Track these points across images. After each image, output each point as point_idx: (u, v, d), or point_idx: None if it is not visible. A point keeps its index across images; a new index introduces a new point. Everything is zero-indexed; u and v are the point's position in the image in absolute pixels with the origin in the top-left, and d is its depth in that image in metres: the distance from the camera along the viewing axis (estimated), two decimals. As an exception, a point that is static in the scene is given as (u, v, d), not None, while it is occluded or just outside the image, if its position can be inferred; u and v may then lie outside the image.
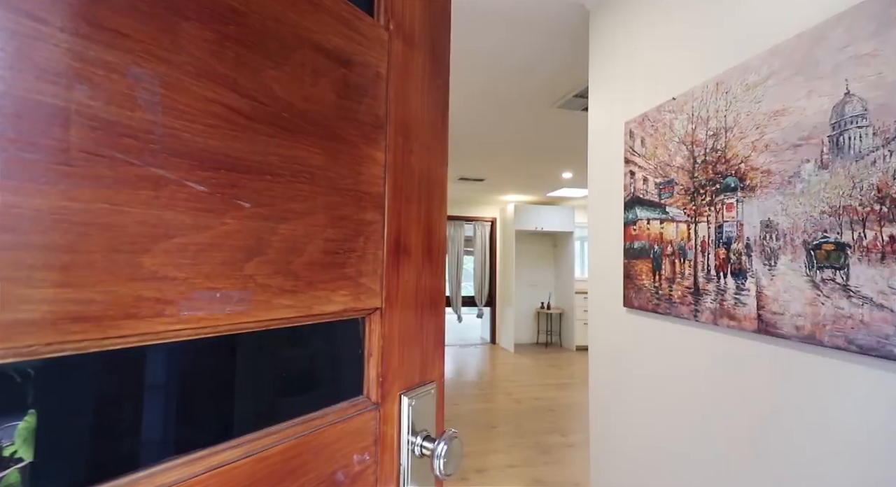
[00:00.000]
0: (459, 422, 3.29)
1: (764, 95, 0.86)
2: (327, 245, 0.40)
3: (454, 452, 0.47)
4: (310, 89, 0.38)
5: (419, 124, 0.52)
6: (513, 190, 5.55)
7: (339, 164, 0.41)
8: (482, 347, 6.25)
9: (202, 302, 0.30)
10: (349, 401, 0.44)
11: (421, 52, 0.53)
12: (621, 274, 1.28)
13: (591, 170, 1.49)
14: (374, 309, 0.45)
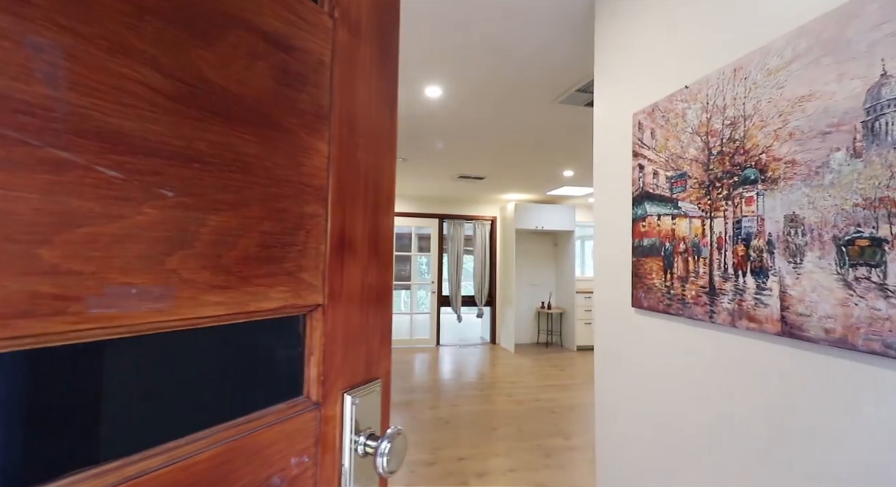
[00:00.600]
0: (459, 424, 3.24)
1: (787, 80, 0.80)
2: (264, 238, 0.38)
3: (398, 449, 0.47)
4: (244, 73, 0.36)
5: (366, 117, 0.51)
6: (513, 188, 5.49)
7: (278, 154, 0.39)
8: (482, 347, 6.19)
9: (115, 299, 0.27)
10: (288, 402, 0.43)
11: (368, 44, 0.52)
12: (629, 273, 1.22)
13: (597, 165, 1.43)
14: (315, 305, 0.44)
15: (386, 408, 0.55)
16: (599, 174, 1.41)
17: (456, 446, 2.85)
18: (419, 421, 3.27)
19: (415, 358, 5.43)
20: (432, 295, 6.29)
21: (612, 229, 1.32)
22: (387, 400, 0.55)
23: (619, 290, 1.27)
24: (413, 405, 3.65)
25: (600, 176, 1.41)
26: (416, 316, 6.64)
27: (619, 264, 1.27)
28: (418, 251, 7.46)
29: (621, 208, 1.27)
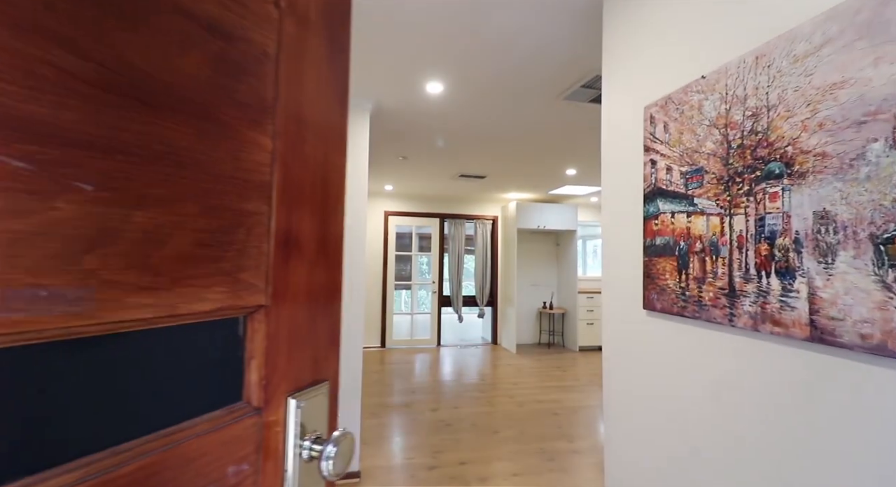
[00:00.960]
0: (460, 426, 3.18)
1: (817, 67, 0.74)
2: (199, 236, 0.36)
3: (343, 451, 0.46)
4: (177, 60, 0.34)
5: (316, 113, 0.50)
6: (515, 187, 5.44)
7: (216, 148, 0.37)
8: (483, 348, 6.14)
9: (20, 302, 0.24)
10: (226, 408, 0.41)
11: (318, 37, 0.50)
12: (640, 273, 1.16)
13: (605, 162, 1.37)
14: (257, 306, 0.42)
15: (334, 410, 0.53)
16: (608, 171, 1.36)
17: (457, 449, 2.79)
18: (420, 424, 3.22)
19: (415, 359, 5.38)
20: (433, 295, 6.24)
21: (621, 228, 1.26)
22: (335, 401, 0.54)
23: (629, 291, 1.22)
24: (414, 406, 3.60)
25: (608, 172, 1.35)
26: (416, 317, 6.58)
27: (629, 264, 1.22)
28: (419, 251, 7.41)
29: (631, 206, 1.22)
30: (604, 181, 1.38)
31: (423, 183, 5.20)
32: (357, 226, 2.53)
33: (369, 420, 3.27)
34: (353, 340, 2.48)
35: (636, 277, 1.18)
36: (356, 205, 2.53)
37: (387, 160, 4.08)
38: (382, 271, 6.05)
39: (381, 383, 4.28)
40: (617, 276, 1.28)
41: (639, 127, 1.20)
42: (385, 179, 5.06)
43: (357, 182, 2.54)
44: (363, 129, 2.58)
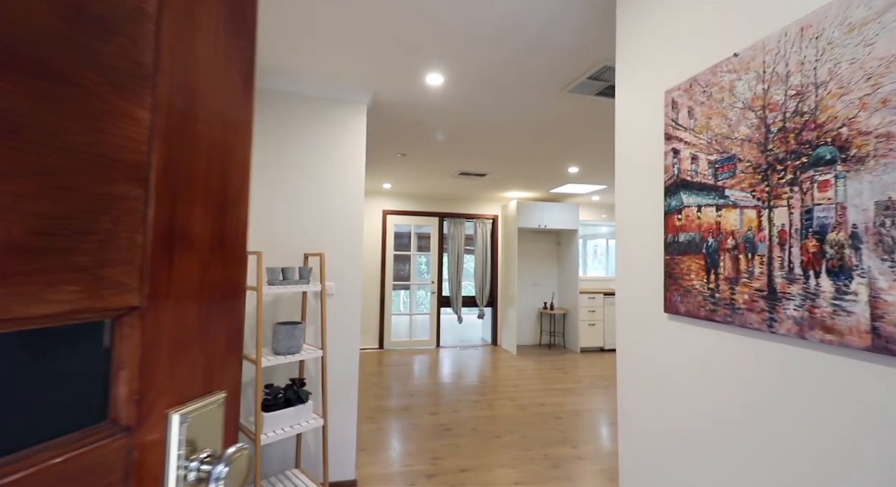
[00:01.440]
0: (460, 431, 3.08)
1: (878, 35, 0.64)
2: (39, 223, 0.30)
3: (238, 471, 0.42)
4: (12, 6, 0.28)
5: (212, 88, 0.44)
6: (515, 186, 5.34)
7: (66, 116, 0.31)
8: (483, 349, 6.04)
9: None
10: (83, 431, 0.35)
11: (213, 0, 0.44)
12: (661, 273, 1.06)
13: (620, 154, 1.27)
14: (127, 308, 0.37)
15: (231, 424, 0.49)
16: (622, 164, 1.26)
17: (457, 455, 2.69)
18: (418, 428, 3.12)
19: (414, 361, 5.28)
20: (432, 295, 6.14)
21: (638, 224, 1.16)
22: (233, 415, 0.49)
23: (647, 293, 1.12)
24: (412, 410, 3.50)
25: (623, 165, 1.25)
26: (415, 317, 6.48)
27: (647, 263, 1.12)
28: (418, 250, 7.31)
29: (650, 200, 1.12)
30: (618, 175, 1.28)
31: (422, 181, 5.10)
32: (354, 225, 2.43)
33: (366, 425, 3.16)
34: (350, 341, 2.38)
35: (656, 277, 1.08)
36: (352, 202, 2.43)
37: (385, 157, 3.98)
38: (381, 271, 5.95)
39: (379, 386, 4.18)
40: (633, 276, 1.18)
41: (658, 113, 1.10)
42: (383, 177, 4.95)
43: (353, 178, 2.43)
44: (360, 123, 2.47)
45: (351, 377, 2.37)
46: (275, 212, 2.30)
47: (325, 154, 2.40)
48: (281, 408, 1.87)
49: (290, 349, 1.93)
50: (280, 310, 2.28)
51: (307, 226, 2.35)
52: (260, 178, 2.29)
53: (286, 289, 1.96)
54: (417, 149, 3.66)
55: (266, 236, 2.28)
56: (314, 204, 2.37)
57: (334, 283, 2.36)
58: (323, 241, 2.36)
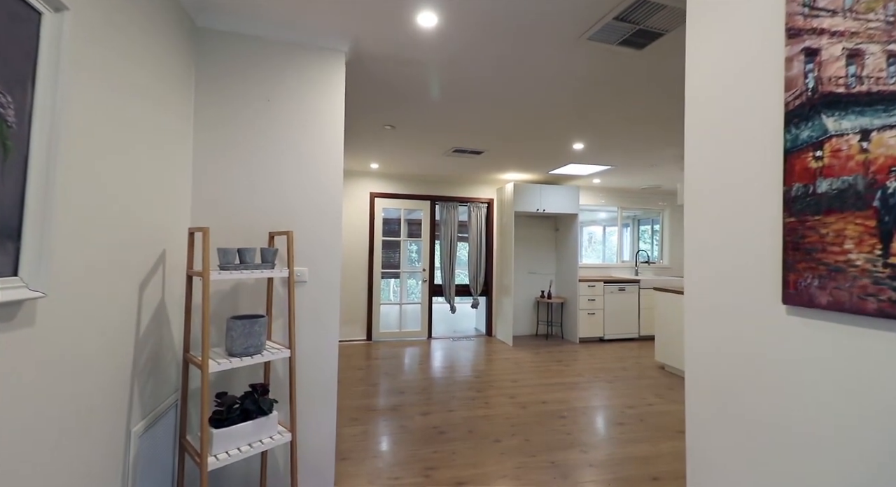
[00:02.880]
0: (455, 434, 2.75)
1: None
2: None
3: None
4: None
5: None
6: (513, 166, 4.96)
7: None
8: (477, 340, 5.72)
9: None
10: None
11: None
12: (776, 244, 0.71)
13: (694, 80, 0.90)
14: None
15: None
16: (699, 92, 0.89)
17: (453, 464, 2.36)
18: (408, 432, 2.78)
19: (405, 353, 4.94)
20: (423, 283, 5.78)
21: (726, 177, 0.80)
22: None
23: (745, 276, 0.76)
24: (402, 410, 3.15)
25: (699, 90, 0.88)
26: (405, 307, 6.12)
27: (745, 232, 0.76)
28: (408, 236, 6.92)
29: (753, 137, 0.76)
30: (689, 106, 0.91)
31: (412, 160, 4.69)
32: (331, 200, 2.03)
33: (350, 428, 2.81)
34: (327, 337, 2.00)
35: (765, 252, 0.72)
36: (330, 173, 2.03)
37: (371, 129, 3.56)
38: (368, 258, 5.55)
39: (365, 382, 3.83)
40: (716, 253, 0.82)
41: (768, 1, 0.73)
42: (370, 155, 4.53)
43: (331, 144, 2.03)
44: (338, 77, 2.05)
45: (328, 379, 2.00)
46: (232, 182, 1.89)
47: (294, 114, 1.98)
48: (236, 422, 1.49)
49: (249, 349, 1.54)
50: (242, 301, 1.88)
51: (273, 201, 1.94)
52: (210, 141, 1.87)
53: (243, 275, 1.57)
54: (407, 120, 3.25)
55: (220, 211, 1.87)
56: (282, 173, 1.96)
57: (307, 269, 1.97)
58: (293, 219, 1.96)
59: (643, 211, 6.83)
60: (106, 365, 1.19)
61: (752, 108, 0.76)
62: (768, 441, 0.70)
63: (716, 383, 0.80)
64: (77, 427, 1.05)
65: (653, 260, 6.77)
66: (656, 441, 2.69)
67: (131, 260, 1.32)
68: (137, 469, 1.36)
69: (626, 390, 3.71)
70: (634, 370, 4.36)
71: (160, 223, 1.54)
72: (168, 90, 1.56)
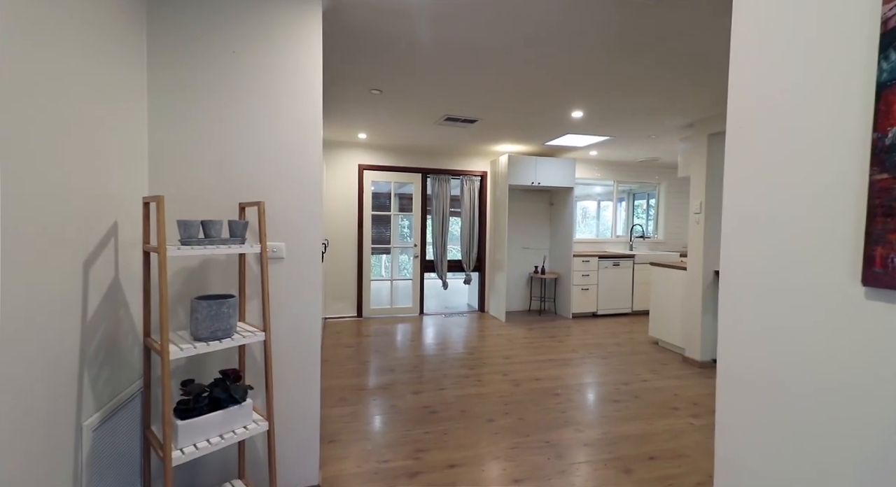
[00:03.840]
0: (447, 414, 2.67)
1: None
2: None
3: None
4: None
5: None
6: (508, 137, 4.73)
7: None
8: (469, 316, 5.65)
9: None
10: None
11: None
12: (857, 209, 0.55)
13: (744, 5, 0.72)
14: None
15: None
16: (749, 20, 0.71)
17: (444, 446, 2.29)
18: (399, 412, 2.70)
19: (396, 330, 4.85)
20: (415, 259, 5.63)
21: (789, 117, 0.64)
22: None
23: (807, 248, 0.61)
24: (392, 389, 3.07)
25: (753, 22, 0.70)
26: (397, 283, 6.00)
27: (810, 191, 0.61)
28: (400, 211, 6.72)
29: (832, 62, 0.59)
30: (738, 10, 0.72)
31: (402, 130, 4.43)
32: (309, 167, 1.83)
33: (338, 408, 2.72)
34: (307, 317, 1.86)
35: (842, 218, 0.57)
36: (307, 136, 1.82)
37: (356, 95, 3.30)
38: (358, 233, 5.37)
39: (355, 360, 3.73)
40: (768, 219, 0.66)
41: None
42: (357, 124, 4.26)
43: (308, 104, 1.81)
44: (313, 30, 1.81)
45: (310, 360, 1.86)
46: (197, 146, 1.68)
47: (266, 68, 1.75)
48: (204, 413, 1.35)
49: (216, 332, 1.39)
50: (212, 280, 1.72)
51: (245, 168, 1.74)
52: (169, 99, 1.64)
53: (206, 251, 1.39)
54: (395, 83, 3.00)
55: (183, 179, 1.67)
56: (255, 137, 1.75)
57: (284, 244, 1.80)
58: (268, 188, 1.77)
59: (639, 185, 6.68)
60: (43, 355, 1.03)
61: (831, 24, 0.59)
62: (828, 458, 0.57)
63: (761, 381, 0.66)
64: (8, 425, 0.90)
65: (647, 234, 6.69)
66: (651, 419, 2.64)
67: (69, 233, 1.14)
68: (93, 465, 1.22)
69: (620, 366, 3.67)
70: (628, 345, 4.33)
71: (110, 192, 1.34)
72: (114, 40, 1.33)
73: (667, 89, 3.01)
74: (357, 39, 2.32)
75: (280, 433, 1.79)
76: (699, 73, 2.70)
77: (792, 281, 0.63)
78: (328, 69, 2.73)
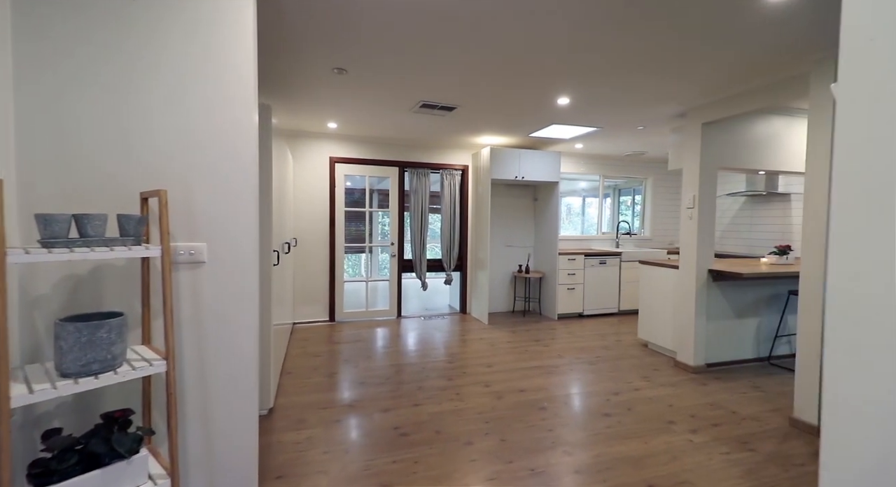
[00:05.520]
0: (421, 436, 2.35)
1: None
2: None
3: None
4: None
5: None
6: (490, 128, 4.42)
7: None
8: (450, 318, 5.34)
9: None
10: None
11: None
12: None
13: None
14: None
15: None
16: None
17: (414, 478, 1.96)
18: (367, 434, 2.36)
19: (372, 335, 4.50)
20: (392, 259, 5.29)
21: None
22: None
23: None
24: (360, 406, 2.73)
25: None
26: (373, 284, 5.65)
27: None
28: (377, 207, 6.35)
29: None
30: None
31: (375, 118, 4.07)
32: (242, 145, 1.47)
33: (292, 432, 2.37)
34: (240, 330, 1.51)
35: None
36: (239, 112, 1.46)
37: (318, 75, 2.93)
38: (329, 231, 4.99)
39: (321, 371, 3.37)
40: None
41: None
42: (325, 111, 3.88)
43: (240, 76, 1.45)
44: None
45: (245, 387, 1.51)
46: (85, 120, 1.30)
47: (180, 22, 1.39)
48: (71, 476, 0.99)
49: (91, 365, 1.03)
50: (107, 294, 1.35)
51: (154, 150, 1.38)
52: (42, 60, 1.26)
53: (76, 256, 1.03)
54: (362, 62, 2.64)
55: (67, 163, 1.29)
56: (167, 111, 1.39)
57: (205, 244, 1.44)
58: (186, 176, 1.41)
59: (625, 180, 6.47)
60: None
61: None
62: None
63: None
64: None
65: (634, 231, 6.49)
66: (647, 436, 2.38)
67: None
68: None
69: (609, 372, 3.42)
70: (616, 349, 4.09)
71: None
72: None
73: (662, 68, 2.74)
74: (310, 6, 1.96)
75: (200, 484, 1.44)
76: (704, 47, 2.43)
77: None
78: (280, 44, 2.36)
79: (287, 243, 3.56)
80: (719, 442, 2.32)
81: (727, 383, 3.23)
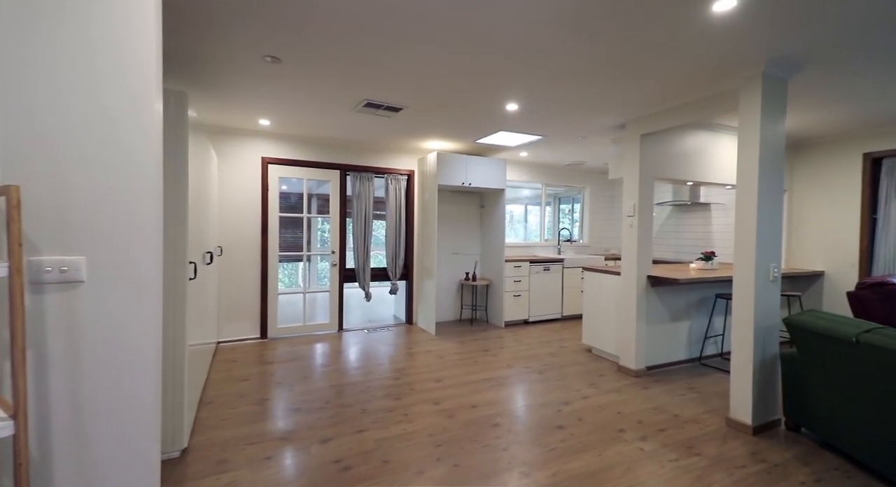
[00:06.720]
0: (364, 469, 2.11)
1: None
2: None
3: None
4: None
5: None
6: (437, 132, 4.29)
7: None
8: (396, 330, 5.10)
9: None
10: None
11: None
12: None
13: None
14: None
15: None
16: None
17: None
18: (303, 472, 2.06)
19: (310, 352, 4.12)
20: (333, 268, 4.94)
21: None
22: None
23: None
24: (296, 438, 2.41)
25: None
26: (312, 296, 5.24)
27: None
28: (317, 213, 5.95)
29: None
30: None
31: (314, 116, 3.76)
32: (141, 130, 1.18)
33: (211, 478, 2.00)
34: (132, 363, 1.19)
35: None
36: (137, 89, 1.16)
37: (247, 63, 2.59)
38: (262, 238, 4.53)
39: (249, 399, 2.97)
40: None
41: None
42: (256, 106, 3.50)
43: (137, 41, 1.15)
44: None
45: (141, 433, 1.19)
46: None
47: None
48: None
49: None
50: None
51: (20, 136, 1.04)
52: None
53: None
54: (298, 49, 2.37)
55: None
56: (36, 85, 1.05)
57: (84, 258, 1.11)
58: (53, 166, 1.08)
59: (565, 188, 6.70)
60: None
61: None
62: None
63: None
64: None
65: (574, 238, 6.72)
66: (600, 448, 2.34)
67: None
68: None
69: (558, 381, 3.40)
70: (563, 355, 4.12)
71: None
72: None
73: (611, 78, 2.78)
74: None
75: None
76: (653, 57, 2.49)
77: None
78: (209, 23, 2.02)
79: (210, 253, 3.12)
80: (668, 449, 2.34)
81: (666, 385, 3.34)
